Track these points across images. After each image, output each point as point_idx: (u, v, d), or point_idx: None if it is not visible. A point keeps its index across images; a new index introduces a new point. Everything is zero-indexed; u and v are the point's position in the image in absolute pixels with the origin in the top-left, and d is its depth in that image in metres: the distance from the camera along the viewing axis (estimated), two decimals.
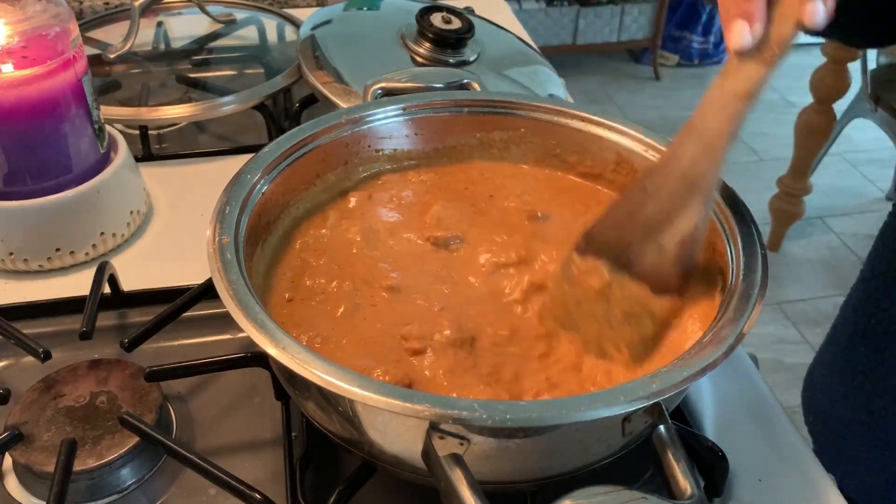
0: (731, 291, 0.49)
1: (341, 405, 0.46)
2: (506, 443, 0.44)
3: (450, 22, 0.92)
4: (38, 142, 0.67)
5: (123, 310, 0.68)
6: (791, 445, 0.57)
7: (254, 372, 0.59)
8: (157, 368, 0.57)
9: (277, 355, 0.43)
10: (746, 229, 0.53)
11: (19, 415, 0.55)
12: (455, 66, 0.90)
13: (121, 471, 0.54)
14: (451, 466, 0.41)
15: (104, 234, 0.73)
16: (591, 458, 0.47)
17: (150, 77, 1.01)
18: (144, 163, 0.86)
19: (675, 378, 0.42)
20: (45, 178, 0.69)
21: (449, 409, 0.40)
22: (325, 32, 0.95)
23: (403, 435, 0.45)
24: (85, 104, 0.70)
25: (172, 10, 1.12)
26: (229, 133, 0.99)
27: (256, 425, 0.59)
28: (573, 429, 0.44)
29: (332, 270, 0.58)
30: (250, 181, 0.56)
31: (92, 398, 0.57)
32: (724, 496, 0.54)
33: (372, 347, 0.52)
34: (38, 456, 0.53)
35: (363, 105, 0.66)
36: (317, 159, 0.63)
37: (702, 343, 0.45)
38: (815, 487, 0.55)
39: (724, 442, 0.56)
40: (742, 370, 0.63)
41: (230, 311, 0.45)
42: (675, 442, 0.43)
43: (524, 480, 0.48)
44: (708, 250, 0.57)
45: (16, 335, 0.59)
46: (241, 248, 0.51)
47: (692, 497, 0.41)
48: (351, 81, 0.86)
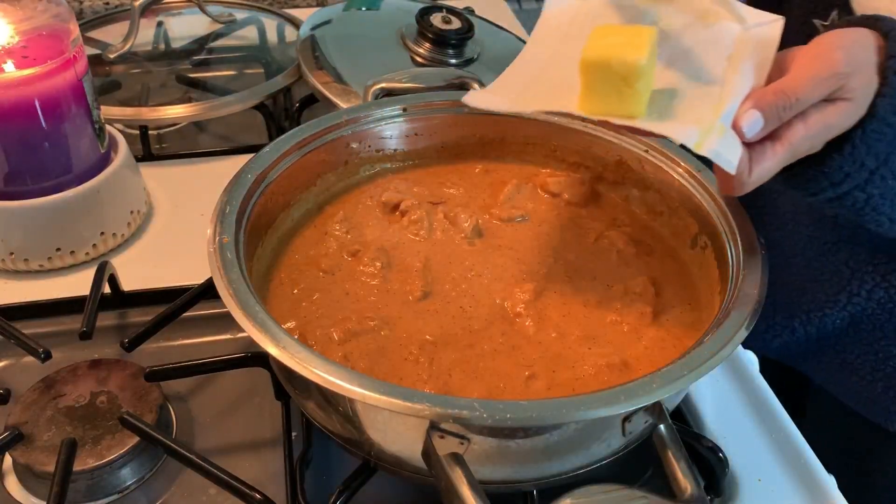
0: (732, 291, 0.49)
1: (341, 405, 0.46)
2: (506, 442, 0.44)
3: (450, 22, 0.92)
4: (38, 142, 0.67)
5: (123, 310, 0.68)
6: (791, 445, 0.57)
7: (254, 372, 0.59)
8: (157, 368, 0.57)
9: (278, 355, 0.43)
10: (747, 229, 0.53)
11: (19, 415, 0.55)
12: (455, 66, 0.90)
13: (121, 471, 0.54)
14: (451, 466, 0.41)
15: (104, 234, 0.73)
16: (592, 458, 0.47)
17: (150, 77, 1.01)
18: (144, 163, 0.86)
19: (675, 377, 0.42)
20: (45, 178, 0.69)
21: (449, 409, 0.40)
22: (325, 32, 0.95)
23: (404, 434, 0.45)
24: (85, 104, 0.70)
25: (172, 10, 1.13)
26: (229, 133, 0.99)
27: (256, 425, 0.59)
28: (573, 428, 0.44)
29: (332, 269, 0.58)
30: (250, 181, 0.56)
31: (92, 398, 0.57)
32: (724, 496, 0.54)
33: None
34: (38, 456, 0.53)
35: (363, 105, 0.66)
36: (317, 159, 0.63)
37: (702, 343, 0.45)
38: (815, 487, 0.55)
39: (724, 442, 0.56)
40: (742, 370, 0.63)
41: (230, 310, 0.45)
42: (675, 441, 0.43)
43: (524, 480, 0.48)
44: (708, 249, 0.57)
45: (16, 335, 0.59)
46: (241, 248, 0.51)
47: (692, 496, 0.41)
48: (351, 81, 0.86)
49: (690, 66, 0.51)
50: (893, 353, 0.71)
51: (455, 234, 0.62)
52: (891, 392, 0.71)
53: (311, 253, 0.60)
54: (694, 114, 0.47)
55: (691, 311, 0.56)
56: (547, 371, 0.51)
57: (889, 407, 0.72)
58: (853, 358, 0.74)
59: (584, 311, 0.56)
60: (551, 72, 0.53)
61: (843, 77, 0.46)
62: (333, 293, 0.56)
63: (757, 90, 0.47)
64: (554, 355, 0.52)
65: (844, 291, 0.71)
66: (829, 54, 0.47)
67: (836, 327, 0.74)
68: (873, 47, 0.48)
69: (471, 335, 0.53)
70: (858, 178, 0.49)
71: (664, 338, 0.54)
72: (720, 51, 0.51)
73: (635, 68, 0.46)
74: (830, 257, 0.72)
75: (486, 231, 0.63)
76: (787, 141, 0.47)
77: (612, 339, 0.53)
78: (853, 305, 0.71)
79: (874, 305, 0.70)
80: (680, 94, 0.49)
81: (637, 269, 0.60)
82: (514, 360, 0.52)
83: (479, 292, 0.57)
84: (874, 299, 0.70)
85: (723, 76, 0.49)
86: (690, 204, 0.59)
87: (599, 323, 0.55)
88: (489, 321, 0.55)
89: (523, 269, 0.59)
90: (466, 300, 0.56)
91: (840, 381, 0.76)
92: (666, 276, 0.59)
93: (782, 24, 0.51)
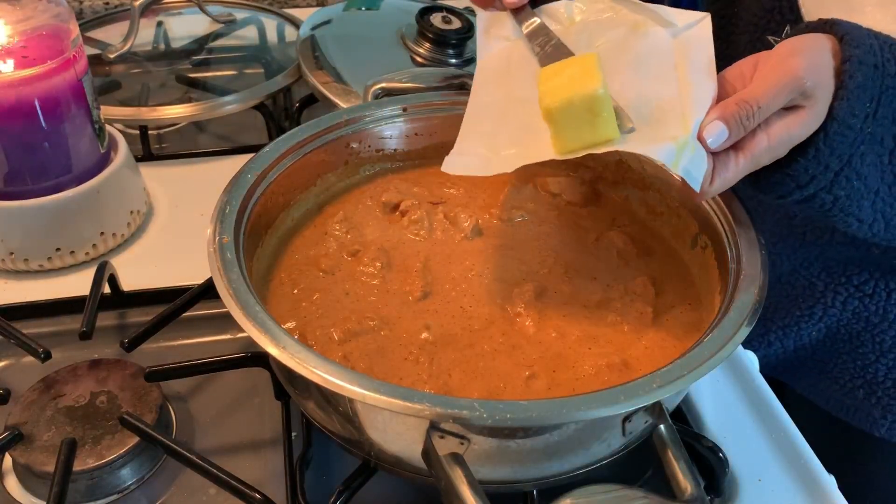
0: (732, 291, 0.49)
1: (342, 405, 0.46)
2: (506, 442, 0.44)
3: (450, 22, 0.92)
4: (38, 142, 0.67)
5: (123, 310, 0.68)
6: (791, 445, 0.57)
7: (254, 372, 0.59)
8: (156, 368, 0.57)
9: (278, 355, 0.43)
10: (746, 229, 0.53)
11: (19, 415, 0.55)
12: (455, 66, 0.90)
13: (121, 471, 0.54)
14: (451, 466, 0.41)
15: (104, 234, 0.73)
16: (592, 458, 0.47)
17: (150, 77, 1.01)
18: (144, 163, 0.86)
19: (675, 377, 0.42)
20: (45, 178, 0.69)
21: (449, 409, 0.40)
22: (325, 32, 0.95)
23: (404, 434, 0.45)
24: (85, 104, 0.70)
25: (172, 10, 1.13)
26: (229, 133, 0.99)
27: (256, 425, 0.59)
28: (573, 428, 0.44)
29: (332, 269, 0.58)
30: (250, 181, 0.56)
31: (92, 398, 0.57)
32: (724, 496, 0.54)
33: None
34: (38, 456, 0.53)
35: (363, 105, 0.66)
36: (317, 159, 0.63)
37: (702, 343, 0.45)
38: (815, 487, 0.55)
39: (724, 442, 0.56)
40: (742, 370, 0.63)
41: (230, 310, 0.45)
42: (675, 441, 0.43)
43: (524, 480, 0.48)
44: (708, 249, 0.57)
45: (16, 335, 0.59)
46: (241, 248, 0.51)
47: (692, 496, 0.41)
48: (351, 81, 0.86)
49: (641, 80, 0.53)
50: (872, 360, 0.71)
51: (455, 233, 0.62)
52: (872, 399, 0.72)
53: (311, 253, 0.60)
54: (665, 129, 0.49)
55: (692, 311, 0.56)
56: (547, 371, 0.51)
57: (872, 413, 0.72)
58: (832, 367, 0.74)
59: (584, 311, 0.55)
60: (511, 115, 0.55)
61: (802, 82, 0.47)
62: (333, 293, 0.56)
63: (721, 102, 0.49)
64: (554, 355, 0.52)
65: (819, 304, 0.71)
66: (788, 61, 0.48)
67: (812, 339, 0.74)
68: (829, 51, 0.49)
69: (471, 335, 0.53)
70: (824, 179, 0.50)
71: (664, 338, 0.54)
72: (663, 59, 0.53)
73: (596, 98, 0.47)
74: (803, 272, 0.72)
75: (486, 231, 0.63)
76: (749, 152, 0.49)
77: (613, 339, 0.53)
78: (829, 317, 0.72)
79: (849, 315, 0.71)
80: (641, 110, 0.51)
81: (637, 269, 0.60)
82: (514, 360, 0.52)
83: (479, 292, 0.57)
84: (849, 309, 0.70)
85: (676, 86, 0.51)
86: (690, 204, 0.59)
87: (600, 323, 0.55)
88: (489, 321, 0.55)
89: (523, 269, 0.59)
90: (466, 300, 0.56)
91: (821, 389, 0.76)
92: (666, 276, 0.59)
93: (710, 20, 0.54)
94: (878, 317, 0.69)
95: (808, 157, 0.49)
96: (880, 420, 0.72)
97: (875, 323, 0.70)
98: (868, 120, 0.49)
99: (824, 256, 0.70)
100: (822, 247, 0.69)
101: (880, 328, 0.70)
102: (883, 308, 0.69)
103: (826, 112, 0.48)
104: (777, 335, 0.75)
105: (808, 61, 0.48)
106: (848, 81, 0.48)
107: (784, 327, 0.74)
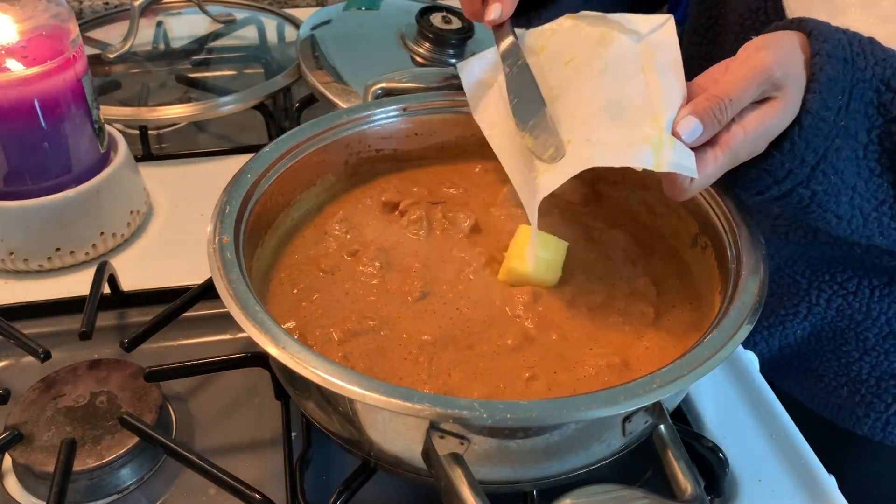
0: (732, 292, 0.49)
1: (341, 405, 0.46)
2: (506, 442, 0.44)
3: (450, 22, 0.92)
4: (38, 142, 0.67)
5: (123, 310, 0.68)
6: (791, 446, 0.57)
7: (254, 372, 0.59)
8: (156, 368, 0.57)
9: (278, 355, 0.43)
10: (747, 229, 0.53)
11: (19, 415, 0.55)
12: (455, 66, 0.90)
13: (121, 471, 0.54)
14: (451, 466, 0.41)
15: (104, 234, 0.73)
16: (592, 458, 0.47)
17: (150, 77, 1.01)
18: (144, 163, 0.86)
19: (675, 377, 0.42)
20: (45, 178, 0.69)
21: (449, 409, 0.40)
22: (325, 32, 0.95)
23: (403, 434, 0.44)
24: (85, 104, 0.70)
25: (172, 10, 1.13)
26: (229, 133, 0.99)
27: (256, 425, 0.59)
28: (573, 428, 0.44)
29: (332, 269, 0.58)
30: (250, 181, 0.56)
31: (92, 398, 0.57)
32: (725, 496, 0.54)
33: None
34: (38, 456, 0.53)
35: (363, 105, 0.66)
36: (317, 159, 0.63)
37: (702, 343, 0.45)
38: (815, 487, 0.55)
39: (724, 442, 0.56)
40: (742, 370, 0.63)
41: (230, 310, 0.45)
42: (675, 441, 0.43)
43: (524, 480, 0.48)
44: (708, 249, 0.57)
45: (16, 335, 0.59)
46: (241, 248, 0.51)
47: (692, 497, 0.41)
48: (351, 81, 0.86)
49: (610, 84, 0.54)
50: (855, 357, 0.71)
51: (455, 233, 0.62)
52: (856, 397, 0.72)
53: (311, 253, 0.60)
54: (638, 130, 0.50)
55: (692, 311, 0.56)
56: (547, 371, 0.51)
57: (855, 411, 0.72)
58: (817, 366, 0.74)
59: (584, 312, 0.55)
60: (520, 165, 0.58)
61: (772, 72, 0.48)
62: (333, 293, 0.56)
63: (693, 99, 0.49)
64: (554, 356, 0.52)
65: (804, 303, 0.72)
66: (757, 54, 0.49)
67: (797, 337, 0.74)
68: (798, 45, 0.50)
69: (470, 335, 0.53)
70: (800, 174, 0.51)
71: (665, 338, 0.53)
72: (630, 64, 0.54)
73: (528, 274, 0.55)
74: (787, 270, 0.72)
75: (486, 231, 0.63)
76: (726, 146, 0.49)
77: (613, 339, 0.53)
78: (813, 315, 0.72)
79: (833, 314, 0.71)
80: (613, 114, 0.52)
81: (638, 269, 0.59)
82: (514, 360, 0.51)
83: (479, 292, 0.57)
84: (833, 307, 0.70)
85: (645, 88, 0.52)
86: (690, 204, 0.59)
87: (601, 323, 0.55)
88: (489, 321, 0.54)
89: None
90: (466, 300, 0.56)
91: (805, 387, 0.76)
92: (667, 276, 0.59)
93: (673, 22, 0.55)
94: (861, 314, 0.70)
95: (783, 151, 0.50)
96: (863, 418, 0.72)
97: (859, 321, 0.70)
98: (841, 113, 0.49)
99: (808, 255, 0.70)
100: (805, 246, 0.69)
101: (864, 326, 0.70)
102: (867, 306, 0.69)
103: (799, 104, 0.49)
104: (762, 335, 0.75)
105: (776, 54, 0.49)
106: (819, 74, 0.48)
107: (769, 326, 0.75)
